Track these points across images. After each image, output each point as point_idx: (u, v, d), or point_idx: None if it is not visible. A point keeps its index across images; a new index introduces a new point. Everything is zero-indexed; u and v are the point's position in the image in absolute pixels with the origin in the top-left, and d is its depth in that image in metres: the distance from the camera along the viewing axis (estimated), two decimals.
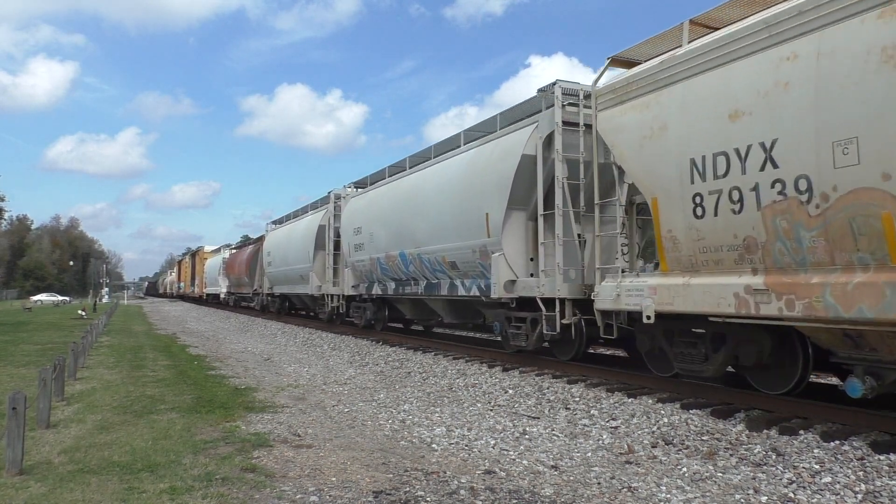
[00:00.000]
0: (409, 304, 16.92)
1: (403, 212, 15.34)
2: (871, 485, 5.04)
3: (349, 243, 18.95)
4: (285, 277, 26.54)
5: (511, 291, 11.09)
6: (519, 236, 11.26)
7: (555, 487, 5.25)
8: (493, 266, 11.30)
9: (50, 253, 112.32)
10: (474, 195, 11.97)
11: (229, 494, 4.90)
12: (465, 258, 12.46)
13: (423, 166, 15.30)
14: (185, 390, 9.85)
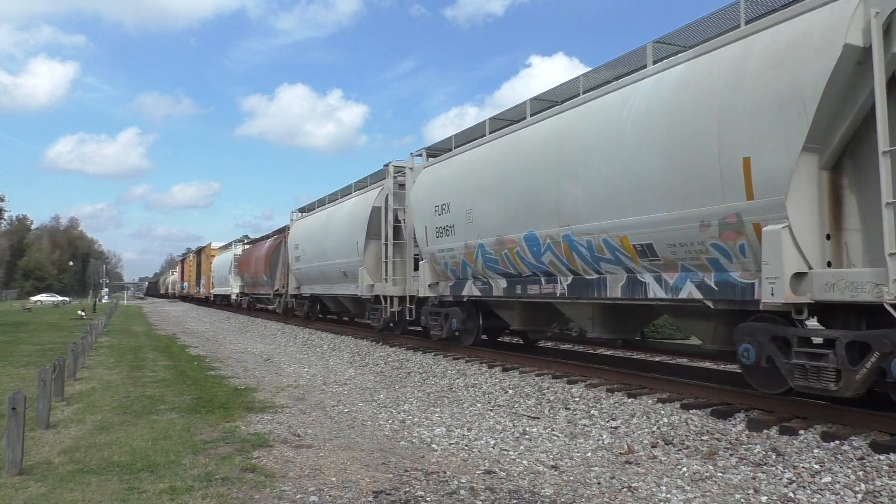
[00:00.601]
0: (522, 310, 12.34)
1: (534, 175, 10.58)
2: (871, 485, 5.04)
3: (427, 227, 14.11)
4: (321, 275, 21.62)
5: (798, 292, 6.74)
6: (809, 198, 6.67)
7: (555, 487, 5.25)
8: (769, 248, 6.77)
9: (50, 253, 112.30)
10: (709, 132, 7.47)
11: (229, 494, 4.89)
12: (677, 238, 7.98)
13: (566, 106, 10.54)
14: (184, 390, 9.85)
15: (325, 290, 21.77)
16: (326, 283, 21.46)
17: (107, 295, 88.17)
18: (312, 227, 23.06)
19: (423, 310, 15.08)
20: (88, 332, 17.00)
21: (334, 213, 20.81)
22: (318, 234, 21.81)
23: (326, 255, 20.51)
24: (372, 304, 17.69)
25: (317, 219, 23.02)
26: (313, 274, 22.49)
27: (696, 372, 10.35)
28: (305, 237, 23.37)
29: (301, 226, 24.78)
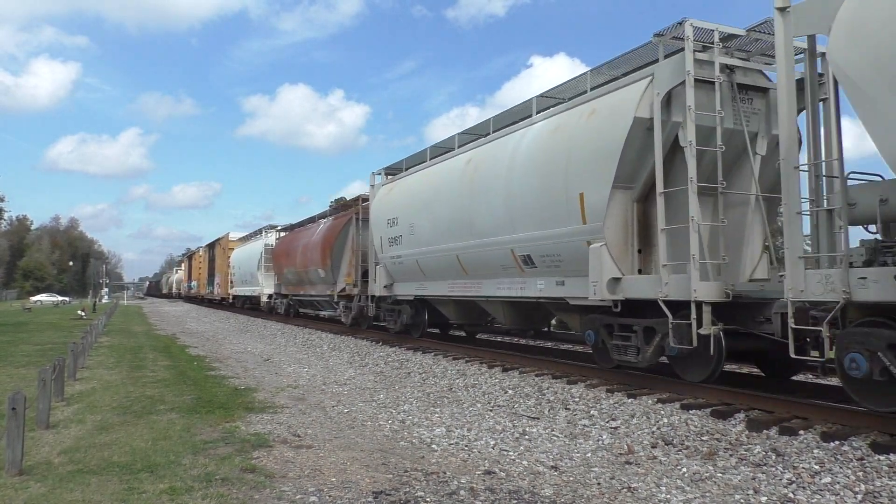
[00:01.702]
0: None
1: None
2: (871, 485, 5.04)
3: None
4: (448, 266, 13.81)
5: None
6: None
7: (555, 488, 5.25)
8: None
9: (50, 253, 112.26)
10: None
11: (229, 495, 4.89)
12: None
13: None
14: (184, 391, 9.85)
15: (458, 289, 13.77)
16: (467, 279, 13.41)
17: (107, 295, 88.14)
18: (427, 187, 14.71)
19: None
20: (88, 332, 16.99)
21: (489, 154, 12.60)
22: (449, 196, 13.56)
23: (473, 230, 12.60)
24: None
25: (440, 173, 14.35)
26: (430, 264, 14.55)
27: None
28: (411, 206, 15.21)
29: (399, 191, 16.18)
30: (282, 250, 27.57)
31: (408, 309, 16.25)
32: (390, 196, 16.49)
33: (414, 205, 14.85)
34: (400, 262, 15.58)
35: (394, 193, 16.33)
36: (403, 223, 15.12)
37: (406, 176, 16.25)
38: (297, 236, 26.11)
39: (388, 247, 15.95)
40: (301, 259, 23.79)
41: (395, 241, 15.56)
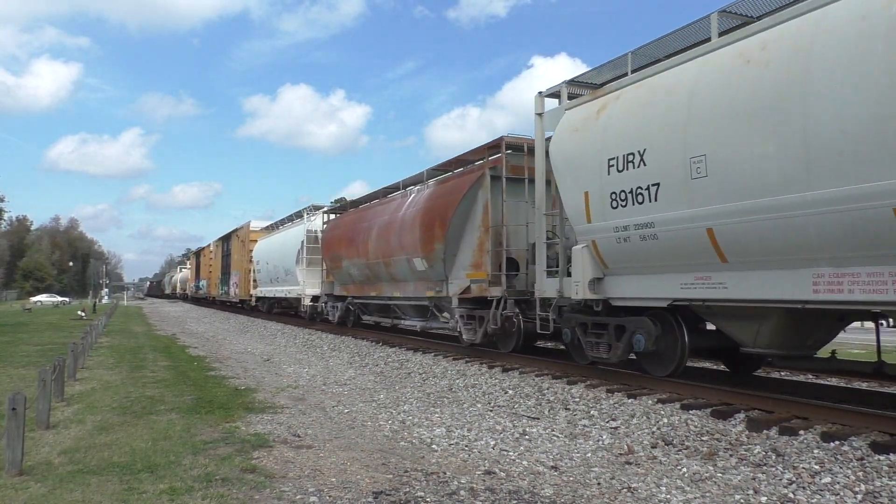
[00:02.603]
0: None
1: None
2: (871, 485, 5.04)
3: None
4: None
5: None
6: None
7: (555, 488, 5.25)
8: None
9: (50, 254, 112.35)
10: None
11: (229, 495, 4.90)
12: None
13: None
14: (184, 391, 9.85)
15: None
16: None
17: (107, 295, 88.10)
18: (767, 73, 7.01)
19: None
20: (88, 332, 17.00)
21: None
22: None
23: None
24: None
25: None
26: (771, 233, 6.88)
27: (695, 372, 10.34)
28: (708, 120, 7.52)
29: (645, 100, 8.70)
30: (338, 237, 19.93)
31: (651, 327, 8.87)
32: (610, 115, 9.11)
33: (715, 116, 7.36)
34: (645, 236, 8.37)
35: (622, 109, 8.96)
36: (665, 158, 7.99)
37: (645, 79, 8.92)
38: (364, 215, 18.64)
39: (612, 209, 8.87)
40: (377, 246, 16.39)
41: (636, 195, 8.43)
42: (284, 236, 26.97)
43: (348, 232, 19.27)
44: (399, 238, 15.37)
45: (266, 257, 28.91)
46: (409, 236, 14.83)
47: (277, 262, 26.82)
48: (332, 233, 21.32)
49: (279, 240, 27.64)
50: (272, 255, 27.89)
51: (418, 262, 14.58)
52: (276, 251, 27.26)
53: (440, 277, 14.03)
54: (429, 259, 14.12)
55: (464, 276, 13.22)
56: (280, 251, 26.64)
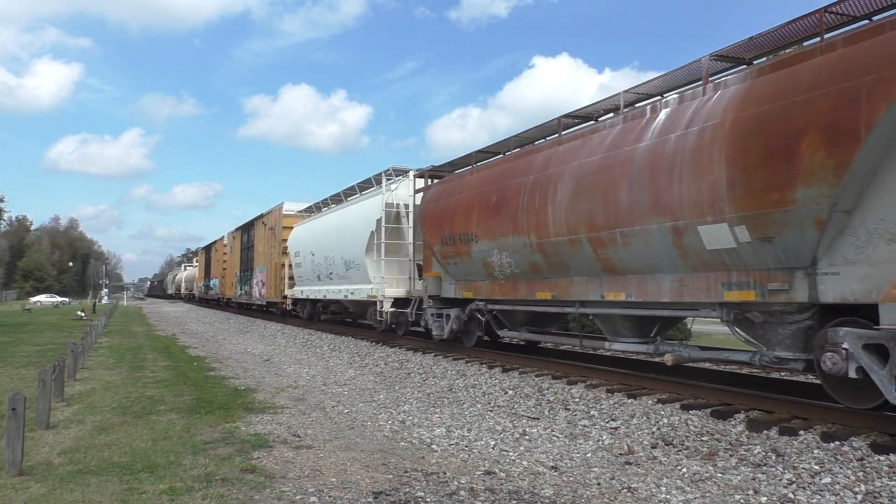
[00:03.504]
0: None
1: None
2: (871, 485, 5.05)
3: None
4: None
5: None
6: None
7: (555, 488, 5.25)
8: None
9: (49, 254, 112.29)
10: None
11: (229, 495, 4.89)
12: None
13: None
14: (184, 391, 9.85)
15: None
16: None
17: (106, 296, 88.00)
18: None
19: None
20: (88, 332, 16.99)
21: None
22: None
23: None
24: None
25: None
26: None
27: (695, 372, 10.34)
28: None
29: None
30: (457, 206, 12.84)
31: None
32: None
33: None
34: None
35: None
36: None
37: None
38: (519, 166, 11.25)
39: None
40: (576, 211, 9.46)
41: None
42: (343, 217, 19.50)
43: (484, 196, 11.73)
44: (656, 188, 7.99)
45: (311, 247, 21.86)
46: (710, 178, 7.24)
47: (332, 252, 19.61)
48: (441, 202, 13.44)
49: (335, 222, 20.07)
50: (322, 243, 20.67)
51: (718, 233, 7.25)
52: (330, 237, 19.88)
53: (789, 261, 6.77)
54: (765, 223, 6.76)
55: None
56: (336, 237, 19.41)
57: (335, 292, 19.83)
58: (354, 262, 17.88)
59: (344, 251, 18.67)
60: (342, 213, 19.89)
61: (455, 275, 13.31)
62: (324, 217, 21.91)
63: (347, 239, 18.39)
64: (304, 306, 23.97)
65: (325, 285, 20.88)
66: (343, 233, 18.92)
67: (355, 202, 19.24)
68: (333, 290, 19.98)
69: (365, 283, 17.26)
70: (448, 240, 12.92)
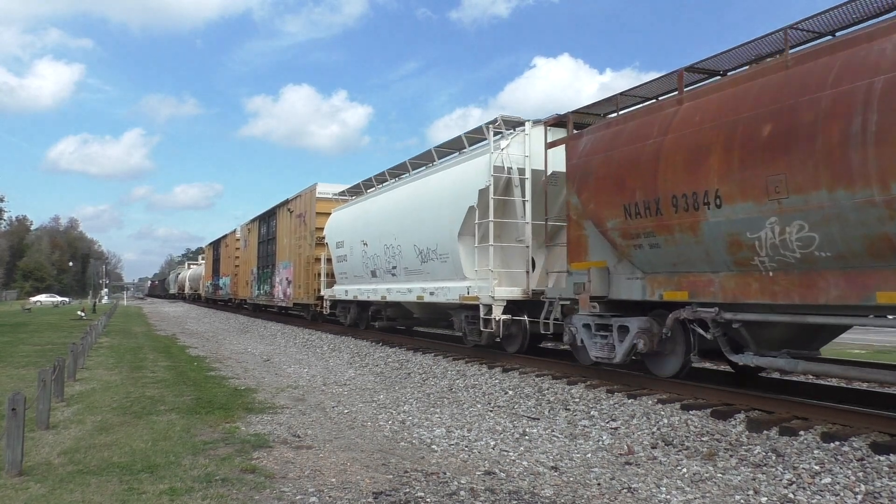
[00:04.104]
0: None
1: None
2: (871, 486, 5.05)
3: None
4: None
5: None
6: None
7: (555, 488, 5.25)
8: None
9: (49, 254, 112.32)
10: None
11: (229, 495, 4.89)
12: None
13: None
14: (184, 391, 9.85)
15: None
16: None
17: (106, 296, 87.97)
18: None
19: None
20: (88, 332, 17.00)
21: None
22: None
23: None
24: None
25: None
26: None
27: (695, 372, 10.34)
28: None
29: None
30: (661, 151, 7.95)
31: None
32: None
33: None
34: None
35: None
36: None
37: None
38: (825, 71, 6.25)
39: None
40: None
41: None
42: (419, 191, 14.67)
43: (739, 128, 7.01)
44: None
45: (360, 234, 17.40)
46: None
47: (397, 240, 15.20)
48: (620, 152, 8.71)
49: (402, 200, 15.44)
50: (380, 229, 16.27)
51: None
52: (393, 221, 15.60)
53: None
54: None
55: None
56: (405, 220, 14.95)
57: (401, 292, 15.22)
58: (438, 252, 13.36)
59: (419, 237, 14.07)
60: (416, 188, 14.88)
61: (646, 264, 8.56)
62: (380, 196, 17.18)
63: (426, 220, 13.78)
64: (348, 310, 19.53)
65: (383, 283, 16.35)
66: (418, 212, 14.24)
67: (439, 169, 14.25)
68: (399, 289, 15.37)
69: (455, 279, 12.76)
70: (639, 208, 8.24)
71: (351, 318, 19.44)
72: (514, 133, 11.86)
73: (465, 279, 12.40)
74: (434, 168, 14.89)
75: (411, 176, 16.03)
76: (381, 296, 16.30)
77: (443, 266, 13.28)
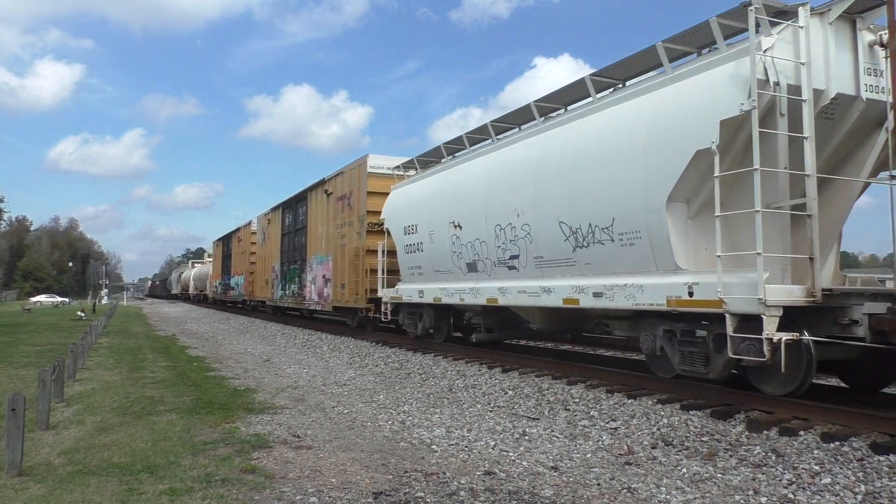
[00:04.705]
0: None
1: None
2: (871, 486, 5.04)
3: None
4: None
5: None
6: None
7: (554, 488, 5.25)
8: None
9: (49, 254, 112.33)
10: None
11: (229, 496, 4.89)
12: None
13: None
14: (184, 391, 9.85)
15: None
16: None
17: (106, 296, 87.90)
18: None
19: None
20: (88, 332, 17.00)
21: None
22: None
23: None
24: None
25: None
26: None
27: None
28: None
29: None
30: None
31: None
32: None
33: None
34: None
35: None
36: None
37: None
38: None
39: None
40: None
41: None
42: (570, 137, 9.80)
43: None
44: None
45: (449, 214, 12.95)
46: None
47: (533, 217, 10.38)
48: None
49: (538, 155, 10.45)
50: (486, 203, 11.70)
51: None
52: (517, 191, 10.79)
53: None
54: None
55: None
56: (539, 186, 10.25)
57: (529, 293, 10.53)
58: (615, 230, 8.73)
59: (572, 211, 9.45)
60: (560, 138, 9.97)
61: None
62: (481, 159, 12.32)
63: (588, 183, 9.15)
64: (418, 316, 15.09)
65: (490, 280, 11.79)
66: (571, 173, 9.48)
67: (614, 102, 9.14)
68: (523, 288, 10.69)
69: (653, 271, 8.31)
70: None
71: (422, 328, 14.93)
72: (781, 26, 7.30)
73: (679, 271, 7.94)
74: (599, 104, 9.44)
75: (542, 125, 10.74)
76: (488, 297, 11.69)
77: (624, 252, 8.63)
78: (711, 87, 7.58)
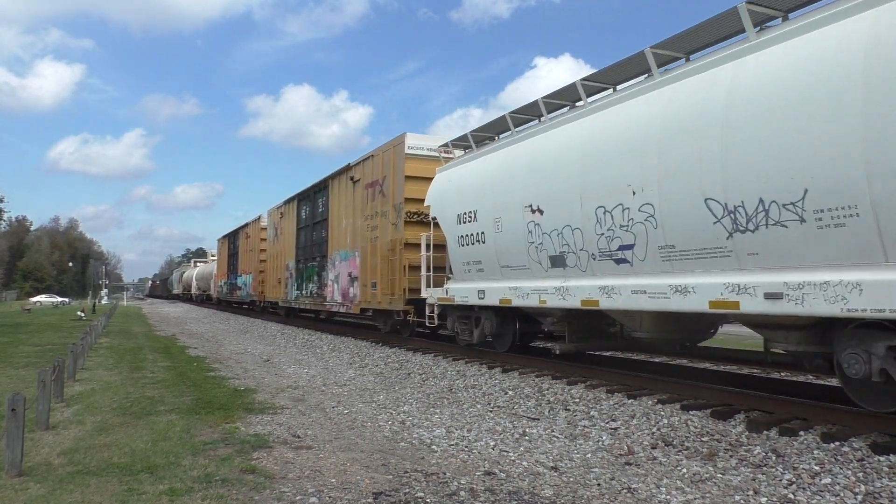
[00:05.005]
0: None
1: None
2: (871, 486, 5.04)
3: None
4: None
5: None
6: None
7: (554, 489, 5.25)
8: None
9: (49, 254, 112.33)
10: None
11: (229, 496, 4.89)
12: None
13: None
14: (184, 392, 9.84)
15: None
16: None
17: (106, 296, 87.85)
18: None
19: None
20: (88, 333, 16.99)
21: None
22: None
23: None
24: None
25: None
26: None
27: (696, 373, 10.35)
28: None
29: None
30: None
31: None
32: None
33: None
34: None
35: None
36: None
37: None
38: None
39: None
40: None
41: None
42: (728, 84, 7.03)
43: None
44: None
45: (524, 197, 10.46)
46: None
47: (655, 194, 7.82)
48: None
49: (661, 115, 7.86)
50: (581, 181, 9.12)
51: None
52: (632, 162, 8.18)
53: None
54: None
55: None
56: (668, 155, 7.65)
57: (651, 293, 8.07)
58: (806, 207, 6.20)
59: (724, 184, 6.98)
60: (701, 89, 7.45)
61: None
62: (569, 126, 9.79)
63: (753, 145, 6.66)
64: (474, 321, 12.79)
65: (586, 278, 9.33)
66: (725, 135, 6.95)
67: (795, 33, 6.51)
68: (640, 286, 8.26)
69: (883, 262, 5.72)
70: None
71: (480, 335, 12.60)
72: None
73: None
74: (781, 31, 6.71)
75: (668, 74, 8.20)
76: (583, 299, 9.26)
77: (824, 236, 6.12)
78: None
